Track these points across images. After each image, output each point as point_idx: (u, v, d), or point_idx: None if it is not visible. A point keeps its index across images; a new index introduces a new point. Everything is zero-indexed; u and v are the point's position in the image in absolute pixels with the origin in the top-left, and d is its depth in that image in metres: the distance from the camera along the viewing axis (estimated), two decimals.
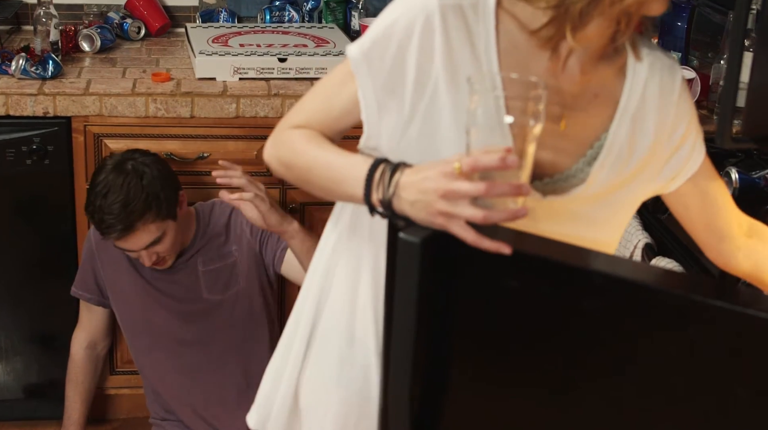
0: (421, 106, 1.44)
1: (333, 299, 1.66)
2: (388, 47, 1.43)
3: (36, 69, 2.75)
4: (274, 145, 1.56)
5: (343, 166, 1.44)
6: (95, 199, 2.48)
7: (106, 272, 2.72)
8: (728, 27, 2.78)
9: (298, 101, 1.57)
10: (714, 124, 2.69)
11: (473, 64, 1.43)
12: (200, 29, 3.14)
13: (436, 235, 1.30)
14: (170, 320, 2.69)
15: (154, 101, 2.73)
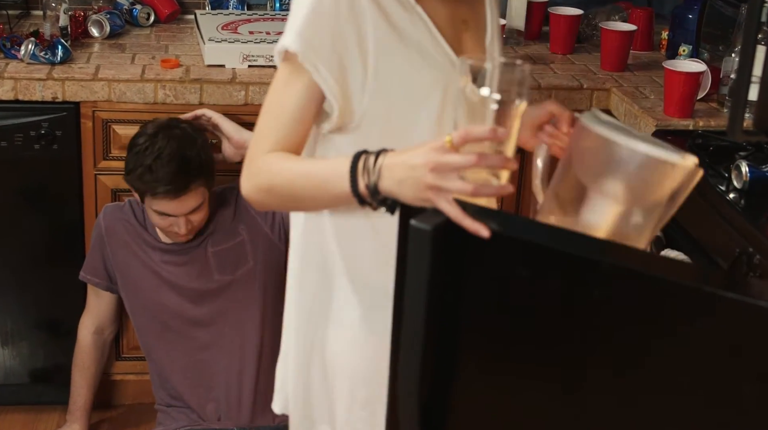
0: (370, 62, 1.52)
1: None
2: (321, 25, 1.51)
3: (45, 54, 2.74)
4: (248, 177, 1.57)
5: (324, 169, 1.50)
6: (145, 160, 2.50)
7: (116, 257, 2.72)
8: (740, 20, 2.77)
9: (254, 135, 1.58)
10: (724, 117, 2.68)
11: (400, 7, 1.54)
12: (210, 16, 3.14)
13: (448, 222, 1.30)
14: (182, 302, 2.70)
15: (163, 88, 2.72)
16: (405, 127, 1.58)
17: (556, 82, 2.87)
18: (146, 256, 2.70)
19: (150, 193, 2.53)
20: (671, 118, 2.64)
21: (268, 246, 2.69)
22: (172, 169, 2.49)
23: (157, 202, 2.54)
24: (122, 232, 2.69)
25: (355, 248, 1.67)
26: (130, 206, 2.72)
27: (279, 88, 1.56)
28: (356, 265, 1.68)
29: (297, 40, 1.51)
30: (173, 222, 2.57)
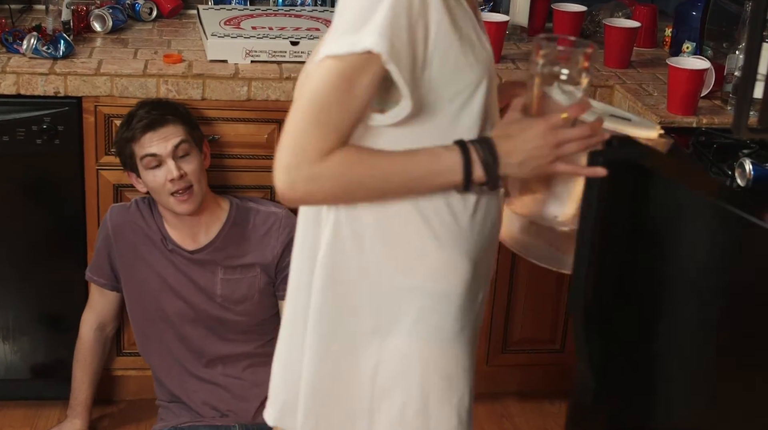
0: (429, 55, 1.57)
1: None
2: (400, 24, 1.52)
3: (47, 48, 2.74)
4: (311, 181, 1.55)
5: (427, 164, 1.59)
6: (134, 112, 2.61)
7: (122, 258, 2.72)
8: (744, 17, 2.76)
9: (296, 132, 1.54)
10: (729, 114, 2.67)
11: (459, 7, 1.61)
12: (212, 11, 3.13)
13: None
14: (181, 311, 2.70)
15: (165, 83, 2.72)
16: (452, 117, 1.63)
17: None
18: (153, 257, 2.69)
19: (133, 141, 2.58)
20: (675, 116, 2.63)
21: (271, 283, 2.72)
22: (147, 109, 2.60)
23: (140, 145, 2.57)
24: (129, 233, 2.69)
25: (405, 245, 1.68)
26: (137, 207, 2.72)
27: (344, 87, 1.52)
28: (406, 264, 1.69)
29: (381, 41, 1.50)
30: (166, 171, 2.57)
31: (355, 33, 1.51)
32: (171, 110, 2.62)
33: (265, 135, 2.79)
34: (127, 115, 2.63)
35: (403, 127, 1.61)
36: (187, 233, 2.68)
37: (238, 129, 2.79)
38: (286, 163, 1.54)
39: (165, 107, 2.63)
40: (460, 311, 1.71)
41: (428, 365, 1.71)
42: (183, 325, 2.71)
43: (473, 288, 1.72)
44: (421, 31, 1.54)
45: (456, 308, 1.70)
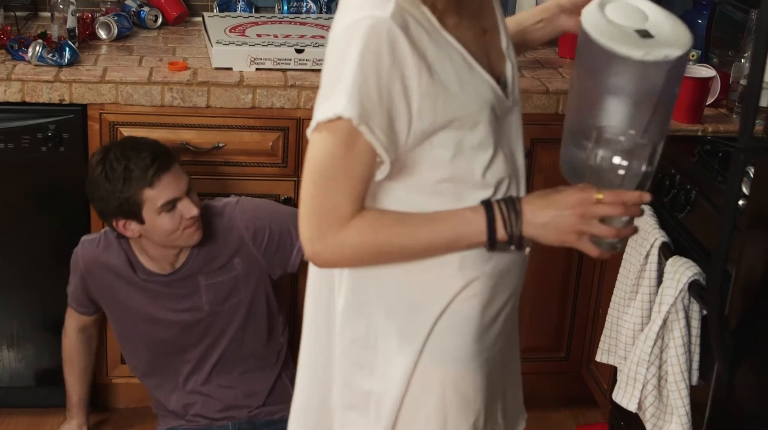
0: (414, 106, 1.53)
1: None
2: (369, 84, 1.49)
3: (52, 56, 2.74)
4: (336, 249, 1.57)
5: (450, 226, 1.59)
6: (117, 169, 2.45)
7: (100, 292, 2.68)
8: (749, 25, 2.76)
9: (313, 203, 1.56)
10: (734, 122, 2.67)
11: (435, 46, 1.54)
12: (217, 18, 3.13)
13: None
14: (173, 333, 2.66)
15: (170, 90, 2.72)
16: (452, 157, 1.60)
17: (565, 86, 2.86)
18: (128, 294, 2.64)
19: (146, 185, 2.44)
20: (680, 124, 2.63)
21: (259, 273, 2.66)
22: (148, 152, 2.46)
23: (158, 190, 2.45)
24: (100, 272, 2.64)
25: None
26: (105, 241, 2.64)
27: (342, 154, 1.52)
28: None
29: (350, 105, 1.48)
30: (183, 209, 2.49)
31: (329, 98, 1.51)
32: (164, 147, 2.52)
33: (270, 143, 2.79)
34: (102, 164, 2.47)
35: (401, 177, 1.61)
36: (167, 260, 2.61)
37: (243, 137, 2.79)
38: (309, 236, 1.57)
39: (157, 145, 2.52)
40: (477, 333, 1.71)
41: (446, 386, 1.71)
42: (174, 347, 2.68)
43: (491, 311, 1.72)
44: (398, 87, 1.50)
45: (474, 330, 1.70)
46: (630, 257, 2.53)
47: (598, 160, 1.59)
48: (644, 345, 2.34)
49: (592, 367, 3.04)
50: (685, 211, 2.43)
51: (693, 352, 2.33)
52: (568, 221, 1.57)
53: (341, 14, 1.54)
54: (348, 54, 1.48)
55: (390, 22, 1.47)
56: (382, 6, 1.48)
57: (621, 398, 2.44)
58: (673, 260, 2.33)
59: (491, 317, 1.72)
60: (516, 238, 1.59)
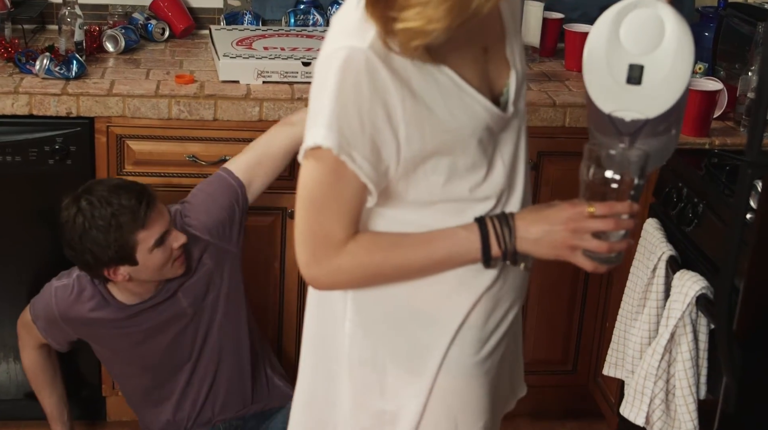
0: (401, 133, 1.53)
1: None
2: (348, 112, 1.49)
3: (60, 69, 2.74)
4: (333, 273, 1.60)
5: (445, 245, 1.60)
6: (102, 216, 2.36)
7: (81, 332, 2.63)
8: (756, 38, 2.75)
9: (306, 230, 1.58)
10: (742, 136, 2.66)
11: (419, 72, 1.52)
12: (224, 31, 3.14)
13: None
14: (162, 344, 2.62)
15: (177, 103, 2.72)
16: (446, 182, 1.60)
17: (571, 99, 2.86)
18: (110, 334, 2.59)
19: (140, 226, 2.39)
20: (687, 137, 2.63)
21: (230, 260, 2.63)
22: (127, 193, 2.39)
23: (151, 228, 2.40)
24: (79, 321, 2.58)
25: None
26: (79, 287, 2.57)
27: (329, 181, 1.53)
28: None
29: (328, 135, 1.49)
30: (172, 240, 2.45)
31: (311, 128, 1.52)
32: (134, 184, 2.45)
33: None
34: (81, 216, 2.38)
35: (395, 203, 1.62)
36: (148, 289, 2.54)
37: None
38: (305, 261, 1.59)
39: (134, 184, 2.45)
40: (481, 342, 1.72)
41: (455, 395, 1.73)
42: (168, 362, 2.65)
43: (494, 319, 1.72)
44: (381, 114, 1.50)
45: (477, 341, 1.71)
46: (637, 270, 2.52)
47: (590, 174, 1.59)
48: (652, 359, 2.33)
49: (599, 380, 3.03)
50: (693, 224, 2.42)
51: (701, 366, 2.32)
52: (560, 236, 1.58)
53: (324, 43, 1.55)
54: (326, 84, 1.49)
55: (368, 52, 1.47)
56: (361, 36, 1.47)
57: (629, 412, 2.43)
58: (681, 274, 2.33)
59: (494, 325, 1.73)
60: (510, 253, 1.61)
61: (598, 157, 1.60)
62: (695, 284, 2.27)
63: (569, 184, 1.68)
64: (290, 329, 3.01)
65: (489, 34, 1.63)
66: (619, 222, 1.58)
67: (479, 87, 1.59)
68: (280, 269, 2.95)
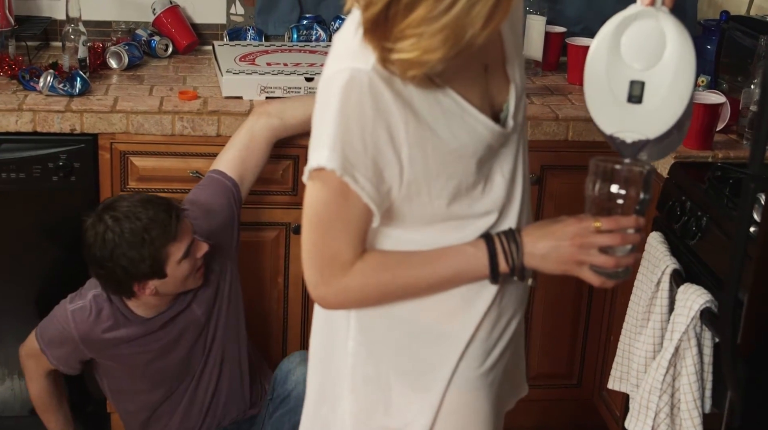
0: (404, 154, 1.53)
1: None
2: (351, 133, 1.49)
3: (64, 86, 2.75)
4: (341, 293, 1.61)
5: (452, 262, 1.61)
6: (133, 220, 2.36)
7: (99, 353, 2.61)
8: (759, 51, 2.76)
9: (313, 250, 1.58)
10: (745, 149, 2.66)
11: (421, 93, 1.52)
12: (227, 47, 3.14)
13: None
14: (179, 354, 2.62)
15: (181, 119, 2.73)
16: (449, 203, 1.61)
17: (574, 113, 2.86)
18: (134, 351, 2.58)
19: (171, 239, 2.39)
20: (690, 151, 2.63)
21: (231, 264, 2.64)
22: (156, 206, 2.39)
23: (180, 240, 2.41)
24: (99, 343, 2.56)
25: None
26: (96, 308, 2.54)
27: (335, 202, 1.54)
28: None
29: (332, 156, 1.49)
30: (196, 250, 2.46)
31: (315, 149, 1.52)
32: (158, 197, 2.46)
33: (280, 171, 2.80)
34: (111, 232, 2.37)
35: (398, 223, 1.62)
36: (165, 301, 2.54)
37: None
38: (314, 282, 1.60)
39: (157, 198, 2.45)
40: (485, 355, 1.72)
41: (461, 407, 1.73)
42: (181, 372, 2.65)
43: (497, 331, 1.73)
44: (384, 136, 1.50)
45: (481, 353, 1.72)
46: (641, 284, 2.52)
47: (595, 189, 1.60)
48: (656, 373, 2.33)
49: (604, 394, 3.02)
50: (696, 238, 2.42)
51: (706, 379, 2.32)
52: (567, 251, 1.59)
53: (327, 64, 1.55)
54: (329, 105, 1.49)
55: (371, 74, 1.47)
56: (363, 58, 1.47)
57: (634, 426, 2.42)
58: (685, 288, 2.33)
59: (497, 336, 1.74)
60: (518, 269, 1.62)
61: (603, 172, 1.60)
62: (699, 298, 2.27)
63: (573, 198, 1.69)
64: (294, 343, 3.01)
65: (489, 52, 1.63)
66: (625, 237, 1.59)
67: (480, 105, 1.59)
68: (284, 283, 2.95)
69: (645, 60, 1.58)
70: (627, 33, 1.59)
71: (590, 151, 1.75)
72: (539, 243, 1.61)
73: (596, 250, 1.59)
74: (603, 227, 1.58)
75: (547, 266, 1.62)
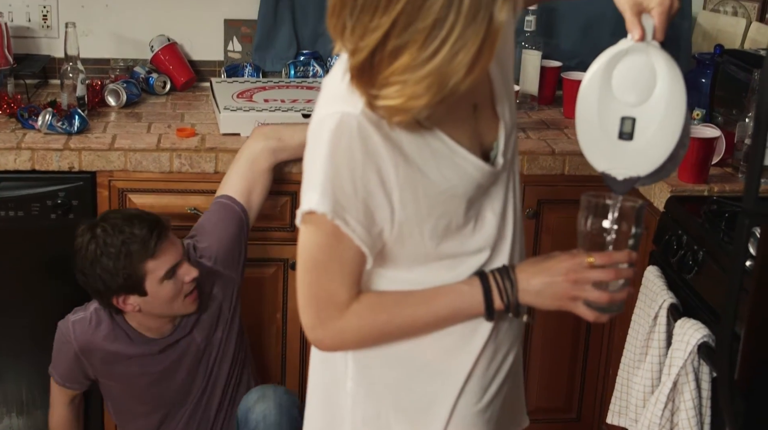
0: (395, 197, 1.54)
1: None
2: (341, 177, 1.50)
3: (62, 124, 2.77)
4: (338, 335, 1.61)
5: (448, 302, 1.62)
6: (113, 244, 2.38)
7: (98, 371, 2.63)
8: (753, 85, 2.77)
9: (309, 293, 1.59)
10: (740, 182, 2.67)
11: (410, 136, 1.52)
12: (225, 84, 3.16)
13: None
14: (177, 378, 2.63)
15: (179, 157, 2.74)
16: (440, 243, 1.61)
17: (570, 147, 2.87)
18: (133, 370, 2.59)
19: (149, 256, 2.40)
20: (686, 184, 2.63)
21: (234, 288, 2.64)
22: (142, 223, 2.41)
23: (161, 259, 2.42)
24: (98, 353, 2.58)
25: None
26: (97, 319, 2.58)
27: (329, 244, 1.54)
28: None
29: (322, 200, 1.50)
30: (183, 274, 2.45)
31: (306, 192, 1.53)
32: (154, 215, 2.48)
33: (278, 207, 2.81)
34: (95, 243, 2.41)
35: (391, 264, 1.63)
36: (165, 325, 2.57)
37: None
38: (310, 324, 1.61)
39: (148, 214, 2.48)
40: (482, 391, 1.72)
41: None
42: (185, 391, 2.65)
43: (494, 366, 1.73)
44: (375, 179, 1.51)
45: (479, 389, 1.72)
46: (639, 318, 2.52)
47: (588, 225, 1.61)
48: (655, 408, 2.32)
49: (603, 428, 3.01)
50: (693, 272, 2.42)
51: (704, 414, 2.31)
52: (561, 287, 1.59)
53: (316, 107, 1.56)
54: (319, 150, 1.50)
55: (360, 117, 1.48)
56: (353, 101, 1.48)
57: None
58: (682, 322, 2.33)
59: (494, 371, 1.74)
60: (513, 306, 1.62)
61: (594, 208, 1.61)
62: (696, 332, 2.27)
63: (570, 232, 1.69)
64: (293, 378, 3.01)
65: (478, 92, 1.63)
66: (619, 271, 1.60)
67: (469, 146, 1.59)
68: (282, 319, 2.95)
69: (636, 96, 1.59)
70: (618, 69, 1.60)
71: (587, 185, 1.75)
72: (533, 279, 1.62)
73: (590, 285, 1.60)
74: (596, 263, 1.59)
75: (542, 302, 1.62)
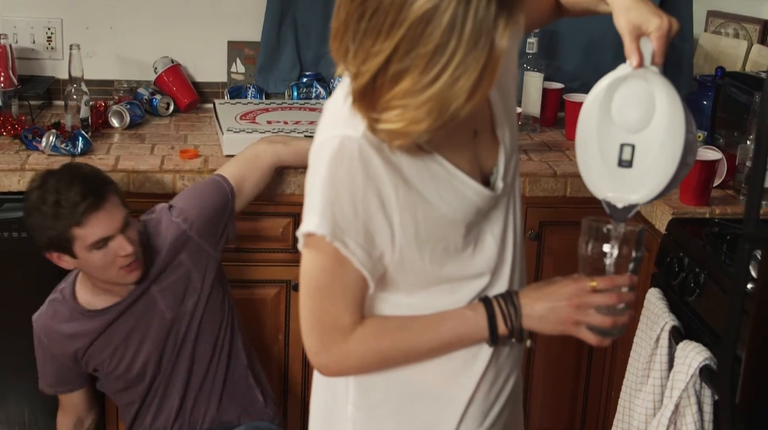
0: (395, 220, 1.54)
1: None
2: (342, 200, 1.50)
3: (66, 146, 2.78)
4: (342, 360, 1.62)
5: (455, 328, 1.62)
6: (48, 200, 2.37)
7: (69, 356, 2.61)
8: (754, 107, 2.78)
9: (312, 318, 1.59)
10: (742, 204, 2.68)
11: (411, 160, 1.53)
12: (228, 105, 3.17)
13: None
14: (148, 352, 2.59)
15: (182, 178, 2.75)
16: (441, 267, 1.62)
17: (572, 169, 2.88)
18: (98, 347, 2.58)
19: (74, 223, 2.36)
20: (688, 206, 2.64)
21: (212, 266, 2.61)
22: (79, 188, 2.37)
23: (88, 228, 2.37)
24: (63, 339, 2.58)
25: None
26: (53, 307, 2.59)
27: (331, 268, 1.54)
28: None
29: (322, 223, 1.50)
30: (116, 247, 2.41)
31: (306, 215, 1.54)
32: (101, 180, 2.44)
33: (281, 228, 2.81)
34: (37, 192, 2.40)
35: (392, 288, 1.63)
36: (117, 292, 2.53)
37: (253, 222, 2.81)
38: (314, 350, 1.61)
39: (93, 178, 2.44)
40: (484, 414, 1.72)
41: None
42: (160, 371, 2.62)
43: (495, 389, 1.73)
44: (375, 202, 1.52)
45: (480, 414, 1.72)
46: (641, 340, 2.52)
47: (588, 249, 1.62)
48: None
49: None
50: (695, 294, 2.43)
51: None
52: (564, 312, 1.61)
53: (318, 131, 1.57)
54: (319, 172, 1.51)
55: (361, 141, 1.49)
56: (353, 125, 1.48)
57: None
58: (684, 345, 2.33)
59: (495, 395, 1.74)
60: (516, 331, 1.63)
61: (596, 232, 1.62)
62: (698, 355, 2.27)
63: (572, 254, 1.69)
64: (295, 400, 3.01)
65: (478, 117, 1.64)
66: (620, 295, 1.61)
67: (470, 171, 1.60)
68: (284, 340, 2.95)
69: (635, 123, 1.59)
70: (617, 96, 1.61)
71: (589, 208, 1.76)
72: (537, 305, 1.63)
73: (593, 310, 1.61)
74: (599, 287, 1.60)
75: (545, 327, 1.63)
